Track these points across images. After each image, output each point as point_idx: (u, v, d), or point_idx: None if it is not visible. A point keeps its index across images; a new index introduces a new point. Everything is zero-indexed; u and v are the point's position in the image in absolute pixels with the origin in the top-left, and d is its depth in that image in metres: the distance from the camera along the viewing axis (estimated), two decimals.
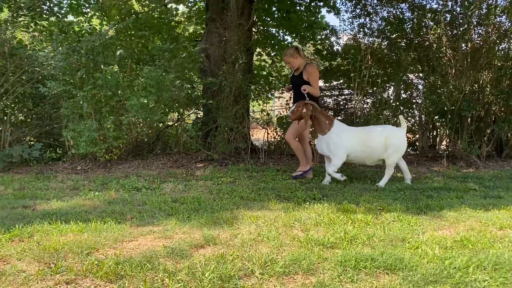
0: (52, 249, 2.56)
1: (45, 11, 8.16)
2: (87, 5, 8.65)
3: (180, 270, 2.27)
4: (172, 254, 2.52)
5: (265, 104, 9.15)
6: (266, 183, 4.82)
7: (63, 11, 8.53)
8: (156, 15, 7.38)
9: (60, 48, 5.50)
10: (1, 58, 6.36)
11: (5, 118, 6.51)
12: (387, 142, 4.62)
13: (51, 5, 8.31)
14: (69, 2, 8.23)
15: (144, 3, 7.90)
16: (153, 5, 7.80)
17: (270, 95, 8.15)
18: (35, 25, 8.08)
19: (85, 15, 8.80)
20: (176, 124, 7.34)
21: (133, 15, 7.11)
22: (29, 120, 6.97)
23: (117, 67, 5.99)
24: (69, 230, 2.95)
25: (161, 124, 7.23)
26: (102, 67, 5.77)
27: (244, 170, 5.78)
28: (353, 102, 7.20)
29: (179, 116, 7.23)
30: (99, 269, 2.26)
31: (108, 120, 5.61)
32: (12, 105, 6.62)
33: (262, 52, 8.77)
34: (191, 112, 7.69)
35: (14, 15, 7.53)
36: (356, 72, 6.87)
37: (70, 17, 8.77)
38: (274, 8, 8.28)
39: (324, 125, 4.74)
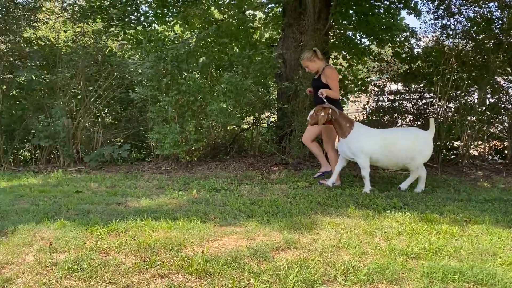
0: (146, 244, 2.77)
1: (132, 21, 8.78)
2: (170, 14, 9.15)
3: (264, 271, 2.36)
4: (256, 255, 2.62)
5: None
6: (343, 189, 4.79)
7: (148, 20, 9.12)
8: (234, 22, 7.63)
9: (148, 56, 5.89)
10: (95, 65, 6.95)
11: (97, 120, 7.11)
12: (415, 144, 4.47)
13: (138, 15, 8.93)
14: (154, 12, 8.76)
15: (224, 11, 8.20)
16: (232, 12, 8.06)
17: (345, 99, 8.04)
18: (124, 34, 8.73)
19: (168, 24, 9.32)
20: (251, 127, 7.52)
21: (213, 24, 7.40)
22: (116, 122, 7.53)
23: (198, 73, 6.28)
24: (159, 227, 3.16)
25: (237, 127, 7.45)
26: (185, 74, 6.08)
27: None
28: (435, 106, 6.89)
29: (254, 120, 7.40)
30: (190, 265, 2.42)
31: (190, 124, 5.89)
32: (104, 109, 7.20)
33: (338, 56, 8.69)
34: (266, 116, 7.83)
35: (106, 25, 8.21)
36: (439, 75, 6.57)
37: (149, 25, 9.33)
38: (351, 11, 8.17)
39: (345, 128, 4.63)
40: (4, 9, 6.43)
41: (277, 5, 8.53)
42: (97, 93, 6.83)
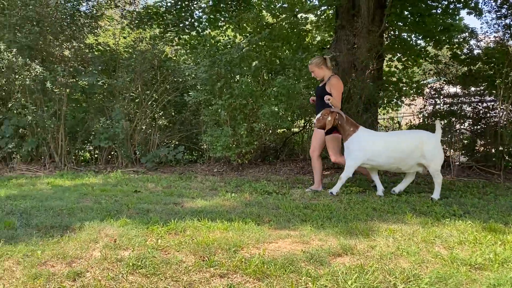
0: (204, 244, 2.85)
1: (187, 26, 9.04)
2: (222, 19, 9.33)
3: (321, 276, 2.35)
4: (312, 260, 2.61)
5: (393, 111, 8.84)
6: (399, 196, 4.66)
7: (201, 26, 9.35)
8: (286, 26, 7.66)
9: (203, 61, 6.05)
10: (152, 70, 7.22)
11: (153, 123, 7.37)
12: (424, 148, 4.41)
13: (192, 20, 9.18)
14: (208, 17, 8.97)
15: (276, 15, 8.25)
16: (284, 16, 8.10)
17: (400, 102, 7.84)
18: (179, 40, 9.00)
19: (221, 28, 9.51)
20: (302, 131, 7.50)
21: (266, 27, 7.47)
22: (171, 125, 7.77)
23: (250, 77, 6.36)
24: (216, 228, 3.23)
25: (288, 130, 7.46)
26: (238, 77, 6.18)
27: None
28: (497, 110, 6.55)
29: (305, 123, 7.38)
30: (247, 267, 2.45)
31: (242, 127, 5.98)
32: (159, 112, 7.45)
33: (392, 58, 8.48)
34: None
35: (162, 31, 8.50)
36: (501, 77, 6.24)
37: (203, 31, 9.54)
38: (406, 12, 7.96)
39: (348, 132, 4.67)
40: (69, 17, 6.83)
41: (329, 7, 8.47)
42: (153, 97, 7.09)
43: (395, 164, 4.55)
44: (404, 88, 7.82)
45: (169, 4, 8.82)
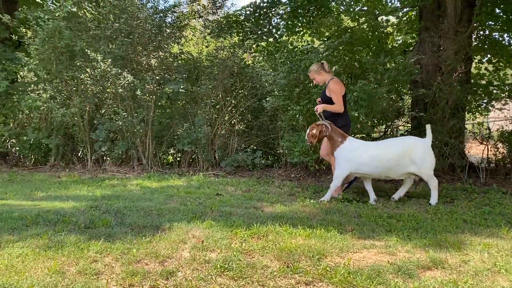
0: (287, 249, 2.87)
1: (265, 33, 9.18)
2: (299, 24, 9.34)
3: None
4: (400, 272, 2.52)
5: (482, 116, 8.25)
6: (491, 207, 4.34)
7: (279, 32, 9.44)
8: (367, 29, 7.48)
9: (282, 67, 6.10)
10: (232, 77, 7.43)
11: (232, 128, 7.58)
12: (412, 154, 4.43)
13: (270, 27, 9.30)
14: (286, 23, 9.04)
15: (355, 18, 8.11)
16: (363, 19, 7.92)
17: (490, 107, 7.28)
18: (257, 47, 9.16)
19: (298, 34, 9.53)
20: (382, 137, 7.26)
21: (344, 31, 7.36)
22: (248, 130, 7.92)
23: None
24: (298, 234, 3.24)
25: (367, 136, 7.26)
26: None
27: (461, 190, 5.33)
28: None
29: (386, 129, 7.14)
30: (333, 276, 2.43)
31: None
32: (238, 117, 7.64)
33: (482, 60, 7.92)
34: (400, 125, 7.49)
35: (242, 38, 8.71)
36: None
37: (280, 37, 9.60)
38: (498, 11, 7.40)
39: (337, 143, 4.71)
40: (157, 29, 7.26)
41: (412, 8, 8.13)
42: (232, 103, 7.29)
43: (384, 173, 4.59)
44: (495, 92, 7.26)
45: (248, 12, 9.03)
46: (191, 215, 3.80)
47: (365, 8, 8.47)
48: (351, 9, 8.60)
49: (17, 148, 8.14)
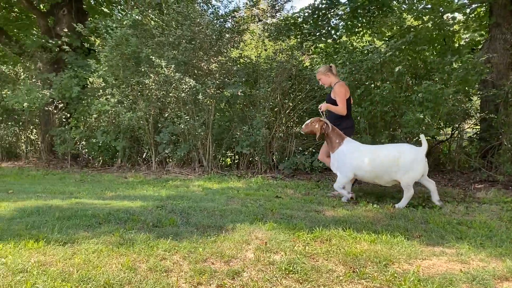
0: (352, 254, 2.81)
1: (323, 34, 9.09)
2: (359, 25, 9.16)
3: None
4: (474, 282, 2.39)
5: None
6: None
7: (338, 33, 9.32)
8: (431, 27, 7.18)
9: (342, 68, 6.01)
10: (290, 79, 7.42)
11: (290, 131, 7.56)
12: (400, 162, 4.37)
13: (329, 28, 9.20)
14: (345, 23, 8.90)
15: (418, 17, 7.82)
16: (427, 17, 7.62)
17: None
18: (315, 48, 9.10)
19: (357, 34, 9.34)
20: (449, 139, 6.93)
21: (407, 30, 7.12)
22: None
23: (392, 83, 6.11)
24: (362, 239, 3.17)
25: (432, 139, 6.95)
26: (379, 84, 6.00)
27: None
28: None
29: (453, 132, 6.80)
30: (402, 283, 2.35)
31: (382, 135, 5.77)
32: (296, 120, 7.61)
33: None
34: (468, 127, 7.11)
35: (300, 40, 8.68)
36: None
37: (339, 38, 9.45)
38: None
39: (334, 144, 4.78)
40: (217, 34, 7.43)
41: (481, 4, 7.70)
42: (290, 105, 7.28)
43: (373, 178, 4.61)
44: None
45: (306, 14, 8.99)
46: (252, 217, 3.84)
47: (429, 6, 8.13)
48: (414, 8, 8.29)
49: (87, 150, 8.65)
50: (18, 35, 12.07)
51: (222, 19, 7.81)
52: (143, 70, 7.37)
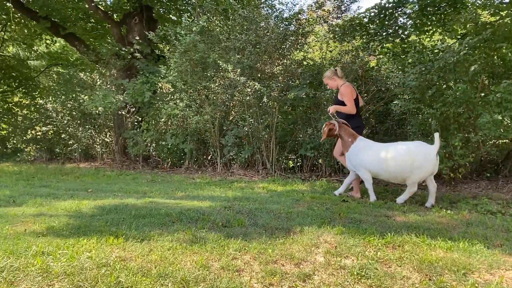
0: (427, 261, 2.70)
1: (390, 34, 8.81)
2: (429, 23, 8.77)
3: None
4: None
5: None
6: None
7: (406, 32, 8.98)
8: (510, 23, 6.69)
9: (412, 68, 5.79)
10: (356, 81, 7.28)
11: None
12: (412, 159, 4.45)
13: (396, 27, 8.90)
14: (413, 22, 8.56)
15: (495, 12, 7.32)
16: (504, 12, 7.11)
17: None
18: (381, 49, 8.84)
19: (427, 33, 8.95)
20: None
21: (483, 27, 6.69)
22: (371, 135, 7.65)
23: (467, 83, 5.78)
24: (437, 246, 3.03)
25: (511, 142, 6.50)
26: (452, 84, 5.71)
27: None
28: None
29: None
30: None
31: (456, 138, 5.48)
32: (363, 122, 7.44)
33: None
34: None
35: (366, 41, 8.49)
36: None
37: (407, 37, 9.10)
38: None
39: (348, 143, 4.97)
40: (281, 36, 7.46)
41: None
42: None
43: (387, 176, 4.69)
44: None
45: (372, 14, 8.77)
46: (320, 220, 3.81)
47: (507, 0, 7.59)
48: (490, 3, 7.77)
49: (157, 152, 9.05)
50: (94, 44, 12.94)
51: (286, 22, 7.84)
52: (209, 74, 7.59)
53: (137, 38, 9.95)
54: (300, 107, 7.69)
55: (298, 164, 8.05)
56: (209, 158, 8.52)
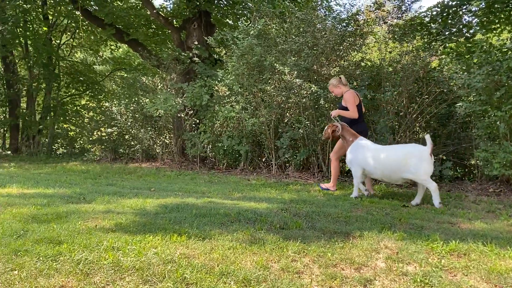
0: (496, 271, 2.58)
1: (453, 33, 8.45)
2: (496, 21, 8.31)
3: None
4: None
5: None
6: None
7: (471, 31, 8.56)
8: None
9: (478, 69, 5.53)
10: (417, 82, 7.05)
11: (415, 137, 7.17)
12: (406, 162, 4.73)
13: (460, 26, 8.52)
14: (479, 20, 8.16)
15: None
16: None
17: None
18: (444, 49, 8.49)
19: (494, 31, 8.49)
20: None
21: None
22: (433, 139, 7.35)
23: None
24: (508, 256, 2.88)
25: None
26: None
27: None
28: None
29: None
30: None
31: None
32: (424, 125, 7.19)
33: None
34: None
35: (427, 41, 8.20)
36: None
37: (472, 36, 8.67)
38: None
39: (349, 142, 5.36)
40: (339, 38, 7.39)
41: None
42: (417, 109, 6.90)
43: (382, 175, 5.03)
44: None
45: (434, 13, 8.46)
46: (379, 225, 3.74)
47: None
48: None
49: (213, 153, 9.27)
50: (156, 49, 13.50)
51: (345, 23, 7.75)
52: (265, 77, 7.66)
53: (196, 42, 10.26)
54: None
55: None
56: (263, 160, 8.59)
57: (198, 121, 9.58)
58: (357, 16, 8.18)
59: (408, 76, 6.81)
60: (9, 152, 13.66)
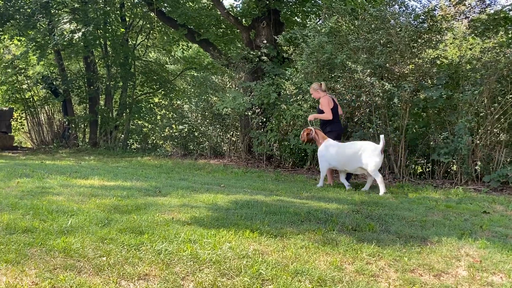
0: None
1: None
2: None
3: None
4: None
5: None
6: None
7: None
8: None
9: None
10: (499, 81, 6.58)
11: (499, 139, 6.68)
12: (360, 154, 5.77)
13: None
14: None
15: None
16: None
17: None
18: None
19: None
20: None
21: None
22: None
23: None
24: None
25: None
26: None
27: None
28: None
29: None
30: None
31: None
32: (507, 127, 6.69)
33: None
34: None
35: (511, 37, 7.60)
36: None
37: None
38: None
39: (318, 143, 6.26)
40: (414, 34, 7.07)
41: None
42: (501, 110, 6.43)
43: (343, 166, 6.01)
44: None
45: None
46: (459, 231, 3.55)
47: None
48: None
49: (280, 152, 9.29)
50: (224, 48, 13.79)
51: (421, 19, 7.42)
52: (335, 75, 7.54)
53: (265, 41, 10.33)
54: (434, 109, 7.20)
55: (427, 169, 7.58)
56: None
57: (265, 119, 9.65)
58: (433, 11, 7.79)
59: (490, 75, 6.37)
60: (88, 146, 14.64)
